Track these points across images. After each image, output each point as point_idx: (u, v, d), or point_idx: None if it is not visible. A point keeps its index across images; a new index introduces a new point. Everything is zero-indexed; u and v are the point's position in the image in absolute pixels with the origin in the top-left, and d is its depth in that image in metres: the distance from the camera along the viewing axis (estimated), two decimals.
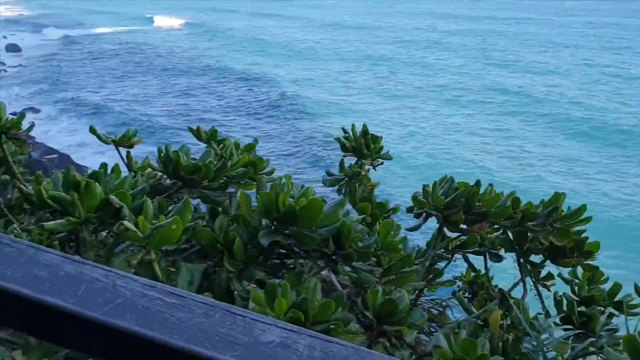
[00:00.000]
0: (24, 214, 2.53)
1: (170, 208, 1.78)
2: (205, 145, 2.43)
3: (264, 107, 32.62)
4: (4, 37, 49.43)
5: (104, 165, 2.14)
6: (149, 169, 2.90)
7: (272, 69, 41.42)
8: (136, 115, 31.55)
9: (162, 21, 61.99)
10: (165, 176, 2.44)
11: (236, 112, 32.25)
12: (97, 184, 1.58)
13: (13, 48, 46.26)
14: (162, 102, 34.33)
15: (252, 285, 1.53)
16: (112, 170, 2.17)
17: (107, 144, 2.79)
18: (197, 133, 2.40)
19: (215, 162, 1.91)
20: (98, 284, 0.75)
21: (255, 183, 2.12)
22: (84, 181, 1.54)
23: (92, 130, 2.74)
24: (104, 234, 2.10)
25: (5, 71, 42.15)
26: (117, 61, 45.45)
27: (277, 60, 44.73)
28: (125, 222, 1.43)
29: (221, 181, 1.88)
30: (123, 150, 2.78)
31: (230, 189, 1.95)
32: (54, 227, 1.51)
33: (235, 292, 1.51)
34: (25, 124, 2.50)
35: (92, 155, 26.38)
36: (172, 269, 1.56)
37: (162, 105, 33.55)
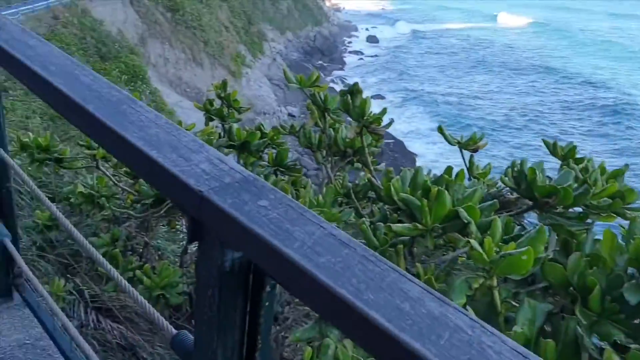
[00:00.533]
0: (366, 201, 2.68)
1: (516, 231, 1.62)
2: (560, 162, 2.18)
3: (609, 116, 29.43)
4: (366, 29, 55.11)
5: (448, 170, 2.09)
6: (489, 176, 2.77)
7: (626, 75, 36.99)
8: (472, 111, 31.82)
9: (506, 19, 60.96)
10: (507, 188, 2.28)
11: (578, 117, 29.87)
12: (446, 192, 1.51)
13: (372, 39, 51.20)
14: (501, 100, 33.88)
15: (606, 344, 1.28)
16: (456, 176, 2.10)
17: (451, 144, 2.75)
18: (552, 148, 2.17)
19: (575, 186, 1.68)
20: (462, 335, 0.65)
21: (615, 216, 1.81)
22: (435, 189, 1.49)
23: (440, 130, 2.73)
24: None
25: (362, 59, 46.95)
26: (459, 57, 46.44)
27: (634, 66, 39.76)
28: (472, 241, 1.33)
29: (579, 210, 1.65)
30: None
31: (588, 220, 1.69)
32: (401, 230, 1.50)
33: (583, 347, 1.28)
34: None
35: (423, 145, 27.70)
36: (511, 301, 1.41)
37: (500, 104, 33.12)
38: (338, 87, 41.77)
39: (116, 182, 3.41)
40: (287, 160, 2.62)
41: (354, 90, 2.11)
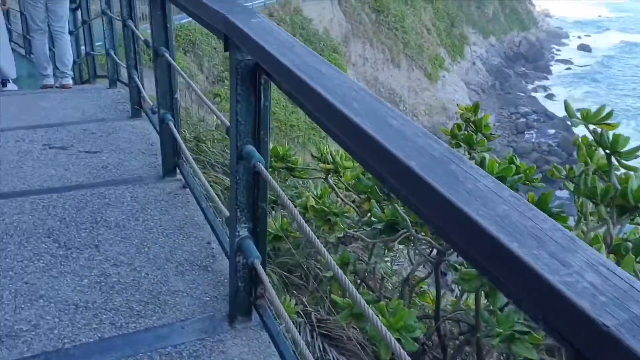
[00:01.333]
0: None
1: None
2: None
3: None
4: (578, 37, 50.86)
5: None
6: None
7: None
8: None
9: None
10: None
11: None
12: None
13: (584, 48, 47.22)
14: None
15: None
16: None
17: None
18: None
19: None
20: None
21: None
22: None
23: None
24: None
25: (570, 69, 43.50)
26: None
27: None
28: None
29: None
30: None
31: None
32: None
33: None
34: None
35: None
36: None
37: None
38: (540, 96, 39.14)
39: (342, 197, 3.32)
40: (551, 206, 2.25)
41: None
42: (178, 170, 3.21)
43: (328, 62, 1.49)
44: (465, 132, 2.72)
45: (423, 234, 2.80)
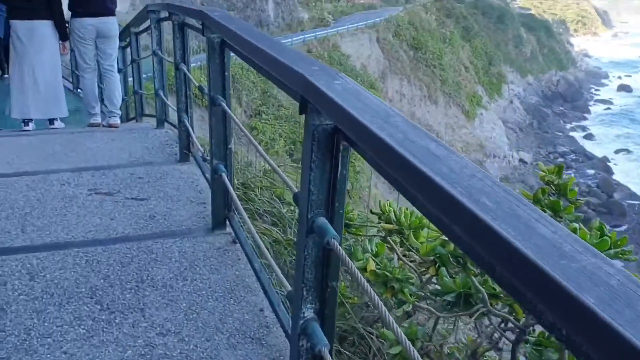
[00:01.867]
0: None
1: None
2: None
3: None
4: (618, 77, 50.00)
5: None
6: None
7: None
8: None
9: None
10: None
11: None
12: None
13: (624, 88, 46.38)
14: None
15: None
16: None
17: None
18: None
19: None
20: None
21: None
22: None
23: None
24: None
25: (610, 109, 42.68)
26: None
27: None
28: None
29: None
30: None
31: None
32: None
33: None
34: None
35: None
36: None
37: None
38: (578, 136, 38.33)
39: (401, 256, 3.07)
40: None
41: None
42: (228, 223, 3.00)
43: (434, 137, 1.27)
44: (550, 198, 2.45)
45: (498, 305, 2.54)
